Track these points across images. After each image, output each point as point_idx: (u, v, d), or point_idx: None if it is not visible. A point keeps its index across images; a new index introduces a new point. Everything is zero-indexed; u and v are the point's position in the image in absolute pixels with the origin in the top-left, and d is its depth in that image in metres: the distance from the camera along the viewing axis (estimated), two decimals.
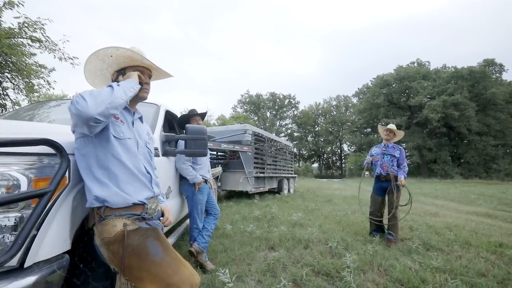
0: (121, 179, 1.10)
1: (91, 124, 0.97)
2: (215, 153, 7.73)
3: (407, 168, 3.63)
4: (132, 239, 1.05)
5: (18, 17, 7.03)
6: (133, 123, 1.29)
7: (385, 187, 3.68)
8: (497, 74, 31.72)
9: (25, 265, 0.89)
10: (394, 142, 3.82)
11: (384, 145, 3.77)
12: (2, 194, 0.87)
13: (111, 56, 1.22)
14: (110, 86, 1.08)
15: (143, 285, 1.02)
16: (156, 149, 2.05)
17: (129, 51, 1.21)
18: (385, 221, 3.63)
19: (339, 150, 50.08)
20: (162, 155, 2.23)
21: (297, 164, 43.69)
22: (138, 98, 1.29)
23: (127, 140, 1.18)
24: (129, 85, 1.15)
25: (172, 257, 1.11)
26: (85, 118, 0.95)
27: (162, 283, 1.02)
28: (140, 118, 1.39)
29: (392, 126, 3.78)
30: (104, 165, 1.08)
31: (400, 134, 3.81)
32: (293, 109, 51.52)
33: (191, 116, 2.80)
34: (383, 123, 31.70)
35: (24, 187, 0.90)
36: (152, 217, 1.21)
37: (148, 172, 1.26)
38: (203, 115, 2.89)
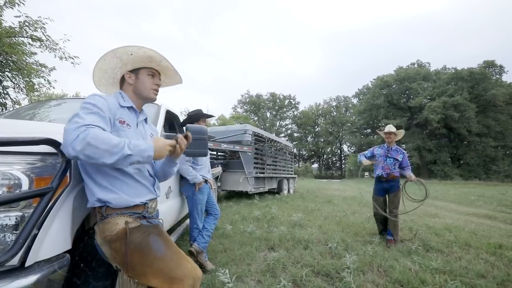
0: (123, 184, 1.12)
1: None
2: (215, 153, 7.74)
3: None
4: (135, 236, 1.06)
5: (19, 16, 7.04)
6: (137, 125, 1.28)
7: (386, 187, 3.70)
8: (497, 76, 31.75)
9: (26, 264, 0.89)
10: (396, 143, 3.83)
11: (387, 147, 3.73)
12: (3, 193, 0.87)
13: (131, 54, 1.22)
14: (123, 150, 0.95)
15: (147, 280, 1.03)
16: None
17: (151, 51, 1.22)
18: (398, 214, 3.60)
19: (339, 151, 50.15)
20: None
21: (297, 165, 43.69)
22: (147, 98, 1.31)
23: None
24: (141, 155, 1.01)
25: (174, 252, 1.11)
26: (65, 152, 0.93)
27: (165, 277, 1.03)
28: (145, 119, 1.39)
29: (390, 128, 3.74)
30: (105, 171, 1.08)
31: (401, 132, 3.78)
32: (293, 109, 51.62)
33: (201, 116, 2.81)
34: (382, 124, 31.73)
35: (25, 187, 0.90)
36: (152, 215, 1.22)
37: (151, 175, 1.27)
38: (209, 117, 2.93)
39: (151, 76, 1.30)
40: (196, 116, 2.79)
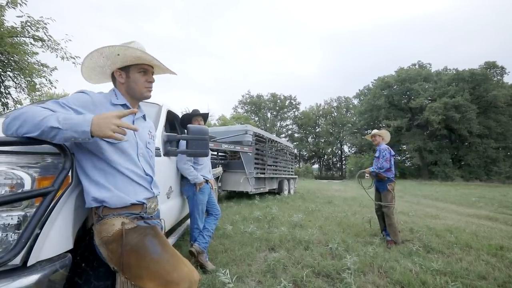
0: (118, 181, 1.10)
1: None
2: (215, 153, 7.74)
3: (382, 164, 3.63)
4: (131, 238, 1.05)
5: (21, 16, 7.06)
6: (133, 123, 1.24)
7: (376, 185, 3.92)
8: (498, 77, 31.62)
9: (28, 264, 0.89)
10: (388, 144, 3.97)
11: (376, 149, 3.96)
12: (5, 193, 0.87)
13: (118, 54, 1.16)
14: (47, 122, 0.87)
15: (143, 283, 1.02)
16: (157, 148, 2.05)
17: (139, 52, 1.15)
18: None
19: (339, 152, 50.05)
20: (164, 155, 2.23)
21: (298, 165, 43.66)
22: (141, 97, 1.26)
23: (124, 143, 1.13)
24: (74, 130, 0.88)
25: (171, 254, 1.10)
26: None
27: (161, 280, 1.02)
28: (143, 116, 1.35)
29: (373, 131, 4.01)
30: (100, 167, 1.07)
31: (385, 133, 3.97)
32: (294, 110, 51.53)
33: (193, 116, 2.80)
34: (383, 125, 31.75)
35: (27, 186, 0.90)
36: (151, 216, 1.20)
37: (147, 174, 1.23)
38: (205, 116, 2.89)
39: (143, 73, 1.23)
40: (189, 116, 2.80)
